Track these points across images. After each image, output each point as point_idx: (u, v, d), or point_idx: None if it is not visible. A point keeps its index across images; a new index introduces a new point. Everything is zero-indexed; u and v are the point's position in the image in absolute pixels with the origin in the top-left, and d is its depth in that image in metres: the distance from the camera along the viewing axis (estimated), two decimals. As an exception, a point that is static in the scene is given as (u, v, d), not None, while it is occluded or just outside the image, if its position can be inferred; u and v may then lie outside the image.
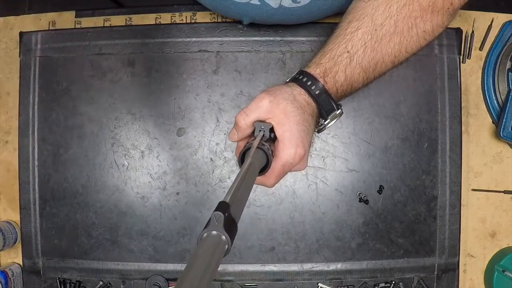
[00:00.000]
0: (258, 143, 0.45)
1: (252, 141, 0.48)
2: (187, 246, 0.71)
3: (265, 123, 0.49)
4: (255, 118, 0.49)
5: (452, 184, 0.71)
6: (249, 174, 0.41)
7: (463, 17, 0.74)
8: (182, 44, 0.72)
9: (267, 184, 0.50)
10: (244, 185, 0.38)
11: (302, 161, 0.50)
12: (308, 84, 0.50)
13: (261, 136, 0.47)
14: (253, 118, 0.49)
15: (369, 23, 0.50)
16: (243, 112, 0.49)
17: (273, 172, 0.48)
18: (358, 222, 0.71)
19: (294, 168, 0.50)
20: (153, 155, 0.72)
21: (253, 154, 0.43)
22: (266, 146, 0.46)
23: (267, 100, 0.48)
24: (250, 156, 0.42)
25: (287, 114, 0.48)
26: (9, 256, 0.74)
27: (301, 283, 0.71)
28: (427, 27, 0.52)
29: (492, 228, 0.73)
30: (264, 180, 0.49)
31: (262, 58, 0.72)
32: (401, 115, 0.72)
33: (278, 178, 0.49)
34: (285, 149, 0.48)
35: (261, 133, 0.48)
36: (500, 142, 0.73)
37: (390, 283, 0.71)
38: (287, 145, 0.48)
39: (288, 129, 0.48)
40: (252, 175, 0.42)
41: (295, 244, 0.71)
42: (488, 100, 0.73)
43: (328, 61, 0.50)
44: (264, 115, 0.49)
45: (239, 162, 0.46)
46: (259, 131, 0.48)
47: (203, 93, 0.72)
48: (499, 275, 0.69)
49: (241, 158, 0.46)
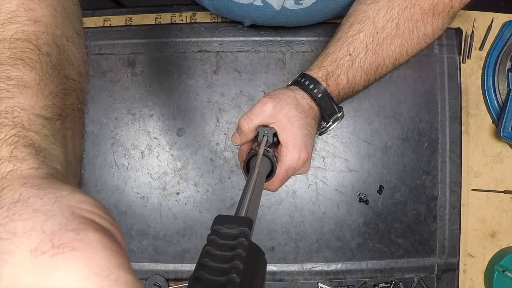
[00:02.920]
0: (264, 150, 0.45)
1: (256, 147, 0.47)
2: (187, 246, 0.71)
3: (269, 128, 0.49)
4: (259, 123, 0.49)
5: (452, 184, 0.71)
6: (258, 183, 0.39)
7: (463, 17, 0.74)
8: (182, 44, 0.72)
9: (271, 188, 0.50)
10: (254, 196, 0.37)
11: (305, 165, 0.50)
12: (311, 88, 0.50)
13: (265, 142, 0.47)
14: (257, 122, 0.49)
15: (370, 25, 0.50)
16: (246, 117, 0.49)
17: (277, 177, 0.48)
18: (358, 222, 0.71)
19: (297, 172, 0.50)
20: (153, 155, 0.72)
21: (259, 164, 0.41)
22: (270, 152, 0.46)
23: (271, 105, 0.48)
24: (257, 166, 0.41)
25: (291, 119, 0.48)
26: (9, 256, 0.74)
27: (301, 283, 0.71)
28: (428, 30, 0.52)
29: (492, 228, 0.73)
30: (268, 185, 0.49)
31: (262, 58, 0.72)
32: (401, 115, 0.72)
33: (282, 182, 0.49)
34: (288, 153, 0.48)
35: (265, 139, 0.48)
36: (500, 142, 0.73)
37: (390, 283, 0.71)
38: (291, 149, 0.48)
39: (291, 134, 0.48)
40: (260, 184, 0.41)
41: (295, 244, 0.71)
42: (488, 100, 0.73)
43: (330, 64, 0.50)
44: (267, 119, 0.49)
45: (244, 170, 0.46)
46: (262, 136, 0.48)
47: (203, 93, 0.72)
48: (499, 275, 0.69)
49: (246, 166, 0.46)
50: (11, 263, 0.18)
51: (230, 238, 0.23)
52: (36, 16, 0.32)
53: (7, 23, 0.30)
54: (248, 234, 0.24)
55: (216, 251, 0.22)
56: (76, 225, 0.19)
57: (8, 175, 0.22)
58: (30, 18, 0.31)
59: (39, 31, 0.31)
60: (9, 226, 0.19)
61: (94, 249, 0.18)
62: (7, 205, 0.20)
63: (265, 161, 0.45)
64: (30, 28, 0.31)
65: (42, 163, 0.23)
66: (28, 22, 0.31)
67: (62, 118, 0.29)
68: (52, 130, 0.27)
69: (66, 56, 0.34)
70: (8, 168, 0.22)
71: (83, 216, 0.20)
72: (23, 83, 0.28)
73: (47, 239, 0.18)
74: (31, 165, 0.23)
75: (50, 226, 0.19)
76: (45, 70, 0.30)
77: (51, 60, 0.31)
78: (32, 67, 0.29)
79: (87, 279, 0.18)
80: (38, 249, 0.18)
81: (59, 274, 0.18)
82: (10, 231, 0.19)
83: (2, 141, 0.24)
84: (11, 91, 0.27)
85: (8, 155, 0.23)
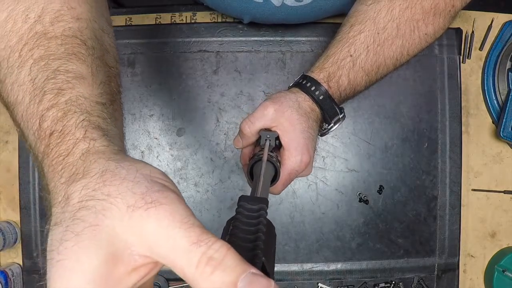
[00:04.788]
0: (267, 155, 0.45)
1: (259, 152, 0.48)
2: (187, 246, 0.71)
3: (271, 132, 0.49)
4: (260, 127, 0.49)
5: (452, 184, 0.71)
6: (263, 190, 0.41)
7: (463, 17, 0.74)
8: (182, 44, 0.72)
9: (274, 192, 0.50)
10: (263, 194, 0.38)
11: (307, 168, 0.50)
12: (312, 89, 0.50)
13: (267, 146, 0.47)
14: (259, 126, 0.49)
15: (371, 26, 0.50)
16: (248, 120, 0.49)
17: (280, 181, 0.48)
18: (358, 222, 0.71)
19: (299, 174, 0.50)
20: (153, 155, 0.72)
21: (264, 172, 0.42)
22: (274, 158, 0.46)
23: (272, 109, 0.48)
24: (262, 174, 0.42)
25: (293, 122, 0.48)
26: (9, 256, 0.74)
27: (301, 283, 0.71)
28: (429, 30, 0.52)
29: (492, 228, 0.73)
30: (272, 189, 0.49)
31: (262, 58, 0.72)
32: (401, 115, 0.72)
33: (285, 185, 0.50)
34: (291, 157, 0.48)
35: (268, 143, 0.48)
36: (500, 142, 0.73)
37: (390, 283, 0.71)
38: (293, 153, 0.48)
39: (293, 137, 0.48)
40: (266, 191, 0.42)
41: (295, 244, 0.71)
42: (488, 100, 0.73)
43: (332, 65, 0.50)
44: (269, 123, 0.49)
45: (248, 176, 0.46)
46: (265, 140, 0.48)
47: (203, 93, 0.72)
48: (499, 275, 0.69)
49: (250, 171, 0.46)
50: (109, 217, 0.23)
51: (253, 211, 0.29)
52: (78, 13, 0.35)
53: (55, 22, 0.34)
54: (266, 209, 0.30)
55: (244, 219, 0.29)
56: (158, 187, 0.24)
57: (90, 151, 0.26)
58: (73, 16, 0.35)
59: (82, 27, 0.35)
60: (104, 190, 0.24)
61: (175, 204, 0.24)
62: (98, 174, 0.25)
63: (269, 166, 0.45)
64: (75, 25, 0.34)
65: (109, 142, 0.28)
66: (72, 19, 0.34)
67: (112, 103, 0.33)
68: (108, 114, 0.31)
69: (104, 46, 0.37)
70: (84, 146, 0.27)
71: (158, 182, 0.25)
72: (80, 75, 0.31)
73: (140, 197, 0.23)
74: (103, 143, 0.27)
75: (139, 189, 0.24)
76: (93, 62, 0.33)
77: (96, 52, 0.35)
78: (84, 60, 0.33)
79: (173, 224, 0.23)
80: (133, 205, 0.23)
81: (152, 222, 0.23)
82: (105, 193, 0.24)
83: (75, 125, 0.28)
84: (72, 83, 0.31)
85: (82, 136, 0.27)
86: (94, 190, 0.24)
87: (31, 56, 0.32)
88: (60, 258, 0.23)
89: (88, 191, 0.24)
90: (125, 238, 0.23)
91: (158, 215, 0.23)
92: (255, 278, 0.21)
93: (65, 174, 0.26)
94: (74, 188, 0.25)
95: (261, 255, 0.26)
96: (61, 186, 0.26)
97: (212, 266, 0.22)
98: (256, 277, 0.21)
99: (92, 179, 0.25)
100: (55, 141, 0.28)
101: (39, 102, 0.30)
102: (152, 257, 0.24)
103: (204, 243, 0.22)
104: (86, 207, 0.24)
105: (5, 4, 0.34)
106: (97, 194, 0.24)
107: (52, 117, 0.29)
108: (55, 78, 0.31)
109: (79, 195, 0.24)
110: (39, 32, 0.33)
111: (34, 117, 0.30)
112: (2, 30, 0.34)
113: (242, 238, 0.27)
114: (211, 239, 0.23)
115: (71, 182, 0.25)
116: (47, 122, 0.29)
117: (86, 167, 0.25)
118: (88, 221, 0.23)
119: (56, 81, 0.30)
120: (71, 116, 0.28)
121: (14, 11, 0.34)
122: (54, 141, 0.28)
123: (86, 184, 0.24)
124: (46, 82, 0.30)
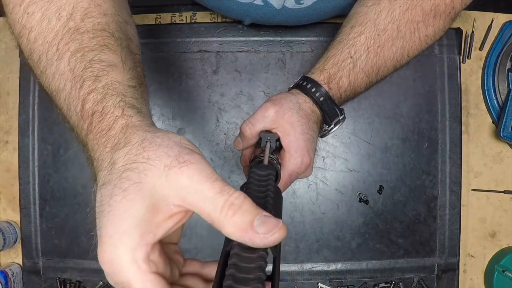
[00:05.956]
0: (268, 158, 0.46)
1: (260, 154, 0.48)
2: (187, 246, 0.71)
3: (271, 134, 0.49)
4: (261, 128, 0.49)
5: (452, 184, 0.71)
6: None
7: (463, 17, 0.74)
8: (182, 44, 0.72)
9: None
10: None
11: (308, 169, 0.50)
12: (313, 91, 0.50)
13: (268, 148, 0.47)
14: (259, 128, 0.49)
15: (372, 28, 0.50)
16: (249, 122, 0.49)
17: (280, 182, 0.48)
18: (358, 222, 0.71)
19: (300, 176, 0.50)
20: (153, 155, 0.72)
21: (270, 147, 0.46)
22: (274, 160, 0.46)
23: (273, 110, 0.48)
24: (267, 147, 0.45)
25: (293, 124, 0.48)
26: (9, 256, 0.74)
27: (301, 283, 0.71)
28: (429, 31, 0.52)
29: (492, 228, 0.73)
30: None
31: (262, 58, 0.72)
32: (401, 115, 0.72)
33: (285, 187, 0.50)
34: (291, 159, 0.48)
35: (268, 145, 0.48)
36: (500, 142, 0.73)
37: (390, 283, 0.71)
38: (294, 155, 0.48)
39: (294, 139, 0.48)
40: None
41: (295, 244, 0.71)
42: (488, 100, 0.73)
43: (332, 66, 0.50)
44: (269, 125, 0.49)
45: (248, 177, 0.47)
46: (265, 142, 0.48)
47: (203, 93, 0.72)
48: (499, 275, 0.70)
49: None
50: (150, 175, 0.28)
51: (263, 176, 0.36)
52: (104, 9, 0.40)
53: (85, 18, 0.38)
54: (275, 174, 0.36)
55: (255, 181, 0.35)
56: (187, 151, 0.29)
57: (128, 125, 0.31)
58: (100, 12, 0.39)
59: (108, 21, 0.39)
60: (144, 154, 0.29)
61: (202, 164, 0.29)
62: (138, 143, 0.30)
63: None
64: (102, 20, 0.39)
65: (143, 117, 0.33)
66: (100, 15, 0.39)
67: (140, 85, 0.38)
68: (139, 95, 0.36)
69: (128, 36, 0.42)
70: (123, 121, 0.31)
71: (187, 147, 0.30)
72: (112, 63, 0.36)
73: (174, 159, 0.28)
74: (138, 118, 0.32)
75: (172, 152, 0.29)
76: (122, 51, 0.38)
77: (123, 42, 0.39)
78: (114, 50, 0.37)
79: (201, 179, 0.28)
80: (169, 165, 0.28)
81: (185, 177, 0.28)
82: (145, 157, 0.29)
83: (113, 106, 0.33)
84: (106, 70, 0.35)
85: (120, 113, 0.32)
86: (136, 155, 0.29)
87: (68, 49, 0.36)
88: (111, 209, 0.28)
89: (130, 156, 0.29)
90: (163, 191, 0.28)
91: (189, 172, 0.28)
92: (266, 219, 0.27)
93: (109, 145, 0.31)
94: (118, 155, 0.30)
95: (271, 203, 0.32)
96: (107, 154, 0.31)
97: (233, 210, 0.27)
98: (268, 218, 0.27)
99: (133, 147, 0.30)
100: (97, 119, 0.32)
101: (80, 88, 0.34)
102: (184, 206, 0.28)
103: (226, 192, 0.27)
104: (130, 168, 0.29)
105: (38, 6, 0.38)
106: (138, 158, 0.29)
107: (92, 100, 0.33)
108: (91, 67, 0.35)
109: (123, 160, 0.29)
110: (72, 28, 0.37)
111: (76, 101, 0.34)
112: (38, 28, 0.38)
113: (255, 196, 0.33)
114: (231, 189, 0.28)
115: (115, 150, 0.30)
116: (88, 104, 0.33)
117: (126, 138, 0.30)
118: (132, 179, 0.28)
119: (92, 70, 0.35)
120: (109, 98, 0.33)
121: (47, 11, 0.38)
122: (96, 119, 0.33)
123: (129, 151, 0.29)
124: (84, 70, 0.35)
